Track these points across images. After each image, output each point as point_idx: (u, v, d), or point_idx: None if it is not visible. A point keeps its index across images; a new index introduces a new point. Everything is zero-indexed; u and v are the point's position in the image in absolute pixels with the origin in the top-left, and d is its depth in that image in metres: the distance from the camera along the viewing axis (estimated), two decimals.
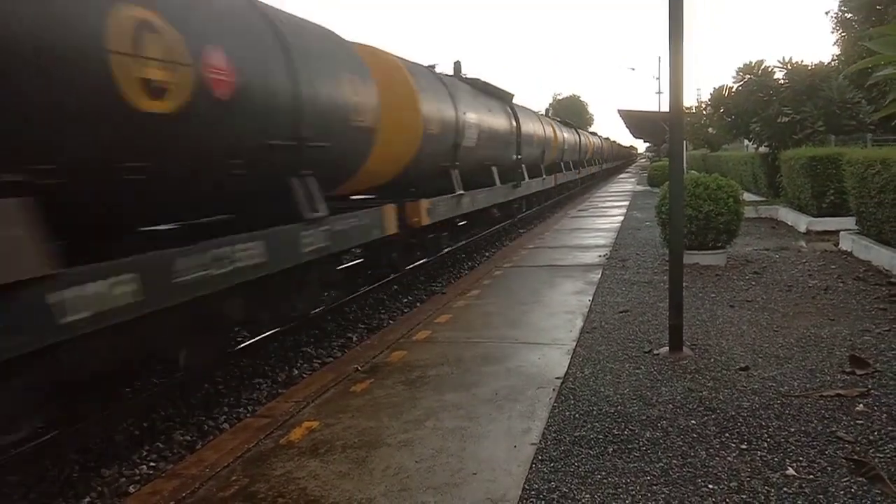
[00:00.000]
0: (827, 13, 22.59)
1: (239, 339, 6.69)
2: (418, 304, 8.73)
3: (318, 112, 6.12)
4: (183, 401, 5.42)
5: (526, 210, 18.57)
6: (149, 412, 5.15)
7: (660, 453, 3.44)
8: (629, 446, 3.54)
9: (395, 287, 9.57)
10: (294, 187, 6.00)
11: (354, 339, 7.38)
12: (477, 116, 11.95)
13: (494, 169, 13.47)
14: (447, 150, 10.47)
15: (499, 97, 14.52)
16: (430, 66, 11.14)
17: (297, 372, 6.31)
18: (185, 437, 4.96)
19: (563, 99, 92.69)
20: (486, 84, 13.64)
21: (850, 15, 19.98)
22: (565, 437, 3.69)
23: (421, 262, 10.25)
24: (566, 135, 24.12)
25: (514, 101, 15.97)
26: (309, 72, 5.98)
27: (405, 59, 9.65)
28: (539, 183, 18.40)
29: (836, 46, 21.95)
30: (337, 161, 6.76)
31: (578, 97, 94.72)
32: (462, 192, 10.97)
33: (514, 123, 15.11)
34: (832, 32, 21.90)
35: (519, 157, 15.55)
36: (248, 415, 5.17)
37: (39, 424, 4.12)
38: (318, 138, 6.13)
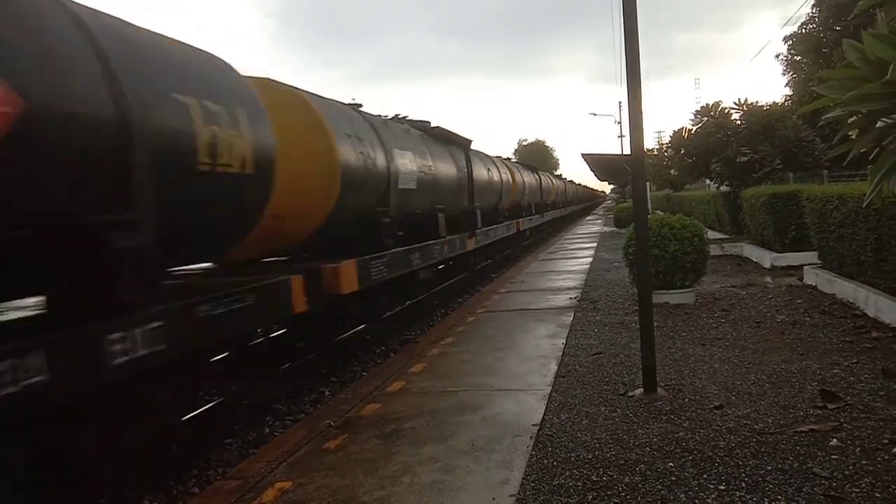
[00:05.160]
0: (777, 56, 23.55)
1: (207, 397, 6.53)
2: (392, 354, 8.65)
3: (154, 147, 4.22)
4: (149, 465, 5.24)
5: (485, 261, 16.56)
6: (114, 477, 4.96)
7: (639, 499, 3.40)
8: (608, 493, 3.50)
9: (368, 337, 9.47)
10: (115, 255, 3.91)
11: (327, 392, 7.25)
12: (416, 161, 10.33)
13: (441, 216, 11.44)
14: (377, 197, 8.66)
15: (451, 142, 13.47)
16: (353, 105, 9.46)
17: (268, 430, 6.16)
18: (153, 502, 4.78)
19: (528, 144, 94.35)
20: (437, 129, 12.79)
21: (799, 57, 20.84)
22: (544, 487, 3.64)
23: (359, 328, 8.82)
24: (527, 179, 23.89)
25: (477, 146, 15.67)
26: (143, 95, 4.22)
27: (316, 95, 8.03)
28: (498, 231, 16.59)
29: (787, 88, 22.80)
30: (184, 219, 4.79)
31: (543, 142, 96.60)
32: (397, 248, 8.90)
33: (467, 168, 13.78)
34: (783, 74, 22.78)
35: (474, 204, 14.11)
36: (219, 477, 5.01)
37: None
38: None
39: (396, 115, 11.60)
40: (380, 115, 10.59)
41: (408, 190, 9.84)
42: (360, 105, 9.69)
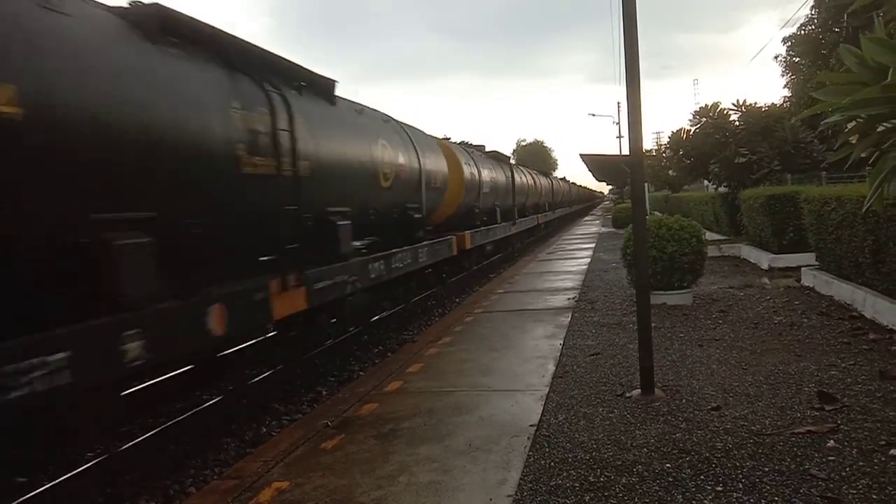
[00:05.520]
0: (776, 57, 23.59)
1: (205, 397, 6.53)
2: (389, 354, 8.64)
3: None
4: (147, 464, 5.24)
5: (477, 264, 16.33)
6: (112, 477, 4.95)
7: (637, 500, 3.41)
8: (606, 493, 3.50)
9: (366, 337, 9.47)
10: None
11: (324, 392, 7.24)
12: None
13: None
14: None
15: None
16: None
17: (265, 430, 6.15)
18: (150, 502, 4.78)
19: (526, 145, 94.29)
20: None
21: (798, 59, 20.86)
22: (541, 487, 3.64)
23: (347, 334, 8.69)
24: (542, 182, 24.44)
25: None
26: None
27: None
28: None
29: (786, 89, 22.82)
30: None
31: (542, 143, 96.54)
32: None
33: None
34: (782, 76, 22.80)
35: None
36: (216, 476, 5.01)
37: None
38: None
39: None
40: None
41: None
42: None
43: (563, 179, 53.36)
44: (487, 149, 19.13)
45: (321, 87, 7.84)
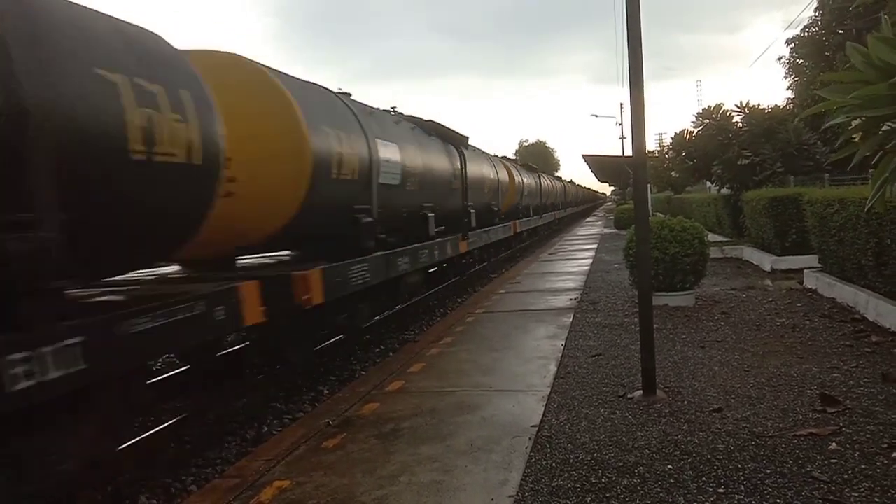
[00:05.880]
0: (780, 59, 23.56)
1: (206, 395, 6.52)
2: (391, 354, 8.63)
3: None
4: (148, 462, 5.24)
5: (478, 265, 16.33)
6: (112, 475, 4.95)
7: (638, 501, 3.40)
8: (607, 495, 3.50)
9: (367, 336, 9.46)
10: None
11: (325, 391, 7.24)
12: (401, 151, 9.39)
13: (431, 217, 10.58)
14: (357, 190, 7.86)
15: (446, 138, 12.80)
16: (337, 92, 8.58)
17: (266, 429, 6.15)
18: (151, 500, 4.77)
19: (529, 145, 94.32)
20: (434, 124, 12.19)
21: (801, 61, 20.84)
22: (543, 488, 3.63)
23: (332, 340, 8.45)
24: (526, 179, 23.70)
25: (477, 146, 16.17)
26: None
27: (280, 72, 7.04)
28: (492, 234, 16.10)
29: (789, 91, 22.79)
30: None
31: (544, 143, 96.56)
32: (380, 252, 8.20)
33: (460, 166, 12.96)
34: (785, 78, 22.77)
35: (467, 203, 13.29)
36: (217, 475, 5.01)
37: None
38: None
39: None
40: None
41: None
42: (349, 94, 8.91)
43: (571, 182, 54.63)
44: (486, 149, 19.38)
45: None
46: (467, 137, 14.24)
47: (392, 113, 10.77)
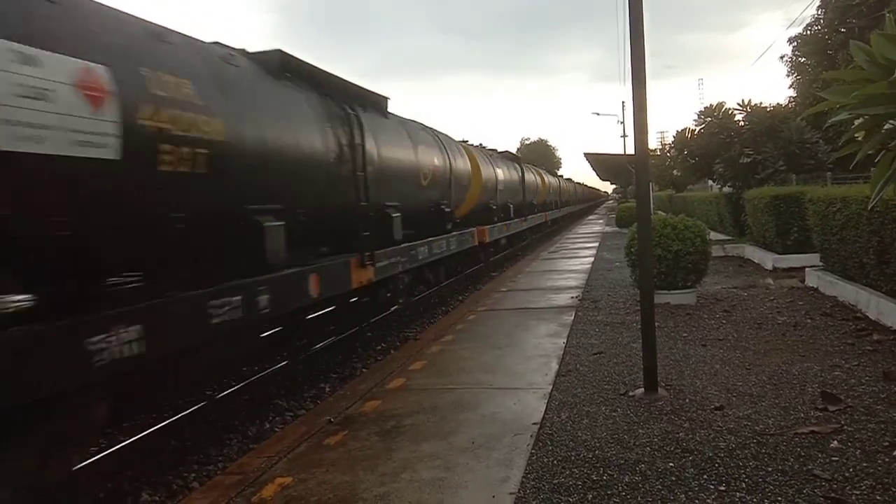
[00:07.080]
0: (782, 58, 23.52)
1: (208, 392, 6.53)
2: (392, 351, 8.64)
3: None
4: (150, 459, 5.25)
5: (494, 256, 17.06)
6: (114, 472, 4.97)
7: (639, 498, 3.40)
8: (608, 492, 3.50)
9: (369, 334, 9.47)
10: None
11: (327, 389, 7.25)
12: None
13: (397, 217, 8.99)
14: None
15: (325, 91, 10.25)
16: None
17: (268, 426, 6.16)
18: (153, 497, 4.78)
19: (530, 143, 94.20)
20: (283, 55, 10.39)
21: (803, 59, 20.79)
22: (544, 485, 3.64)
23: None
24: (502, 172, 22.06)
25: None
26: None
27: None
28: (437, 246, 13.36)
29: (791, 89, 22.74)
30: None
31: (546, 141, 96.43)
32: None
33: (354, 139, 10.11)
34: (787, 76, 22.72)
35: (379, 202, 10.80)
36: (219, 472, 5.01)
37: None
38: None
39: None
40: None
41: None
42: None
43: (569, 179, 53.54)
44: (488, 147, 19.09)
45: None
46: (385, 98, 9.55)
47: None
